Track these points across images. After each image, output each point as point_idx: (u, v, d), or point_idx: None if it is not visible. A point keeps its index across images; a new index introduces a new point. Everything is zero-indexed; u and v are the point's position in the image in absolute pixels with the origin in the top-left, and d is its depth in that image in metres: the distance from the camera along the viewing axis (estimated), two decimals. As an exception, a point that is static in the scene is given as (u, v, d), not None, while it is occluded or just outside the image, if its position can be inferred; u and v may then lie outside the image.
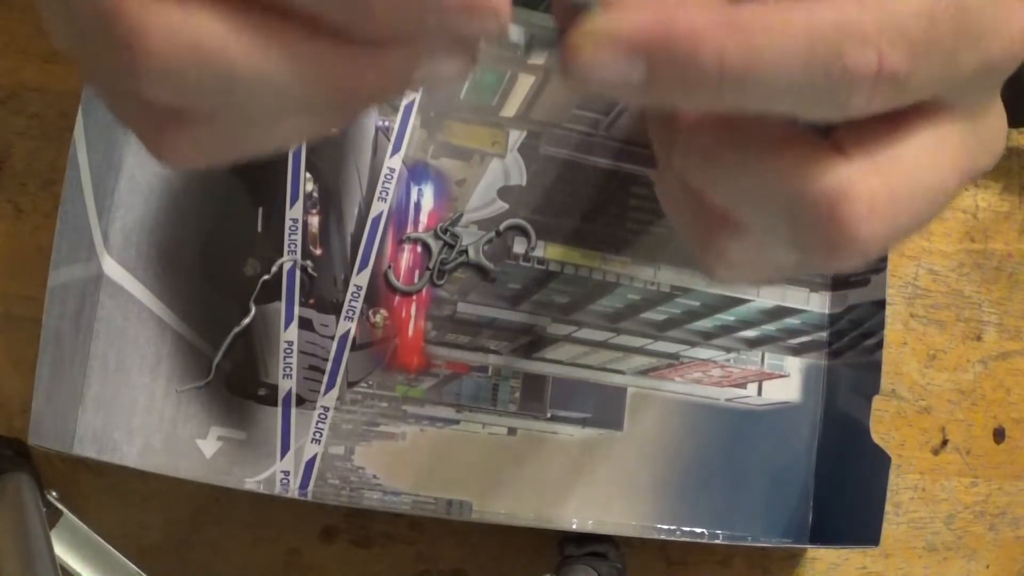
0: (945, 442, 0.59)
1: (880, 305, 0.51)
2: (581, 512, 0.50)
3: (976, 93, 0.25)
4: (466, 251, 0.49)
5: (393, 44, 0.23)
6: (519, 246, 0.50)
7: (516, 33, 0.25)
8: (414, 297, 0.50)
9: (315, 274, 0.49)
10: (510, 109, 0.50)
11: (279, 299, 0.48)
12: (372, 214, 0.50)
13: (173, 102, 0.22)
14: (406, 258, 0.50)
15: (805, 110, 0.23)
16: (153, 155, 0.24)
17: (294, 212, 0.49)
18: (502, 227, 0.50)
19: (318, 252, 0.49)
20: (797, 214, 0.24)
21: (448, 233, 0.50)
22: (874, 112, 0.23)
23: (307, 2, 0.21)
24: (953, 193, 0.25)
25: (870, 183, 0.23)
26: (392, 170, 0.50)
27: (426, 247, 0.50)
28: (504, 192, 0.51)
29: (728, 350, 0.53)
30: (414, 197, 0.50)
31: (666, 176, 0.28)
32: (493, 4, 0.22)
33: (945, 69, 0.23)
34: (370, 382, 0.49)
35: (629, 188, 0.52)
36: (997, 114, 0.27)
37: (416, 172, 0.50)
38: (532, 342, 0.51)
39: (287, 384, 0.48)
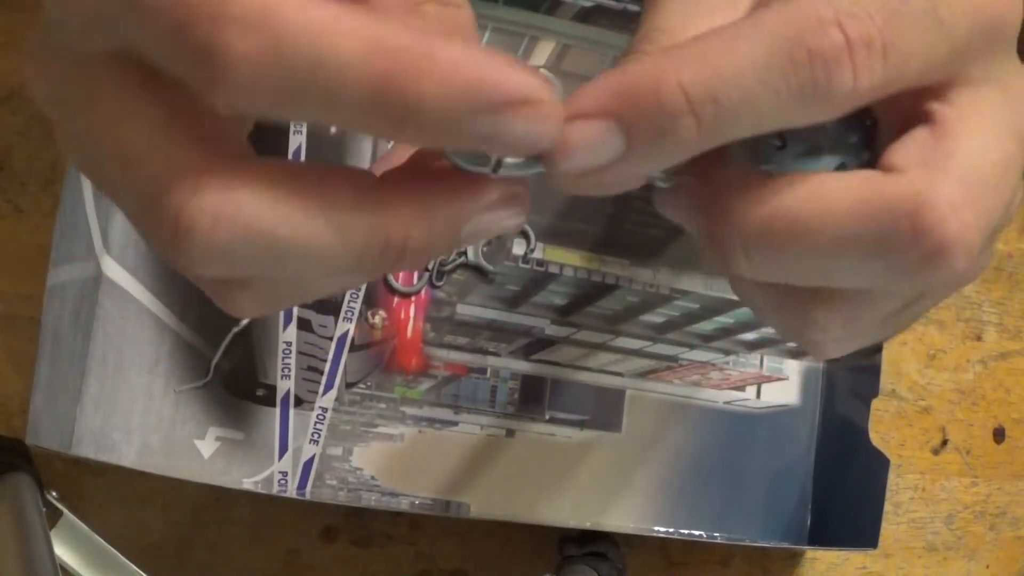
0: (945, 442, 0.59)
1: (880, 307, 0.51)
2: (579, 514, 0.50)
3: (988, 59, 0.24)
4: (465, 252, 0.49)
5: (442, 199, 0.23)
6: (518, 247, 0.50)
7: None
8: (413, 298, 0.50)
9: (314, 275, 0.49)
10: (510, 110, 0.50)
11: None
12: (371, 215, 0.49)
13: (221, 276, 0.23)
14: (405, 259, 0.50)
15: (799, 113, 0.22)
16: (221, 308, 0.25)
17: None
18: (501, 228, 0.50)
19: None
20: (886, 248, 0.23)
21: (447, 234, 0.50)
22: (873, 91, 0.22)
23: (347, 119, 0.21)
24: (1021, 159, 0.25)
25: (940, 186, 0.23)
26: (391, 170, 0.50)
27: (425, 248, 0.50)
28: (503, 193, 0.51)
29: (727, 352, 0.53)
30: (413, 198, 0.50)
31: (741, 284, 0.27)
32: (540, 96, 0.21)
33: (932, 30, 0.23)
34: (368, 383, 0.49)
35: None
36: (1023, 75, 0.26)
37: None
38: (531, 344, 0.51)
39: (285, 385, 0.48)
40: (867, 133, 0.26)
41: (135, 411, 0.46)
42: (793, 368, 0.54)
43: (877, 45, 0.22)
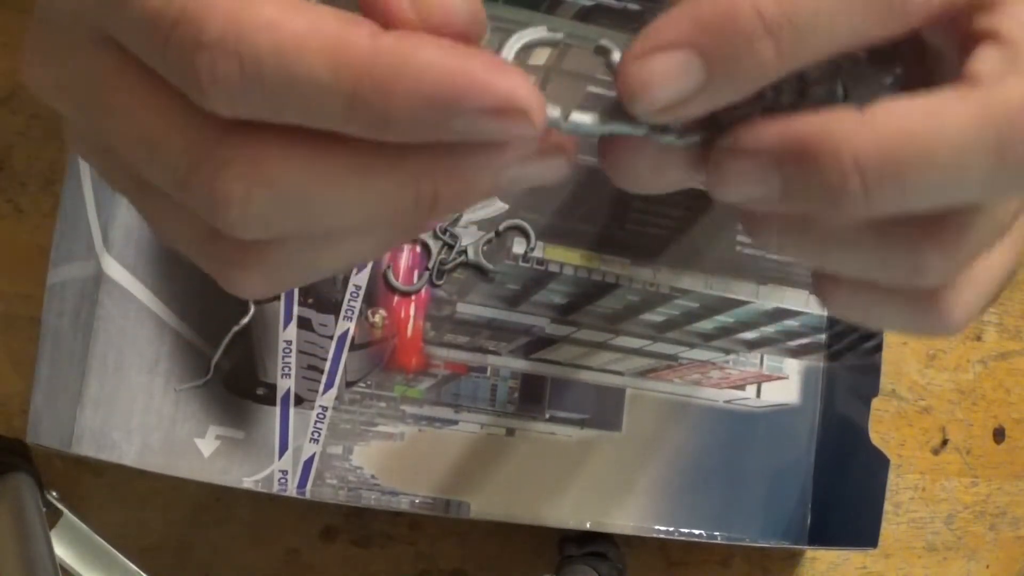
0: (945, 442, 0.59)
1: (880, 306, 0.51)
2: (579, 513, 0.50)
3: None
4: (465, 251, 0.49)
5: (469, 153, 0.22)
6: (518, 246, 0.50)
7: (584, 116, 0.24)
8: (413, 297, 0.50)
9: (314, 274, 0.49)
10: (510, 109, 0.50)
11: (278, 298, 0.48)
12: (371, 214, 0.49)
13: (254, 237, 0.23)
14: (405, 258, 0.50)
15: (874, 29, 0.23)
16: (228, 290, 0.25)
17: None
18: (501, 227, 0.50)
19: (317, 252, 0.49)
20: (1008, 147, 0.23)
21: (447, 233, 0.50)
22: (943, 2, 0.23)
23: (328, 125, 0.21)
24: None
25: None
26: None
27: (425, 247, 0.50)
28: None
29: (727, 352, 0.53)
30: (413, 197, 0.50)
31: (843, 250, 0.26)
32: (522, 104, 0.21)
33: None
34: (368, 382, 0.49)
35: (629, 188, 0.52)
36: None
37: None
38: (531, 343, 0.51)
39: (286, 383, 0.48)
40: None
41: (135, 410, 0.46)
42: (793, 367, 0.54)
43: None
